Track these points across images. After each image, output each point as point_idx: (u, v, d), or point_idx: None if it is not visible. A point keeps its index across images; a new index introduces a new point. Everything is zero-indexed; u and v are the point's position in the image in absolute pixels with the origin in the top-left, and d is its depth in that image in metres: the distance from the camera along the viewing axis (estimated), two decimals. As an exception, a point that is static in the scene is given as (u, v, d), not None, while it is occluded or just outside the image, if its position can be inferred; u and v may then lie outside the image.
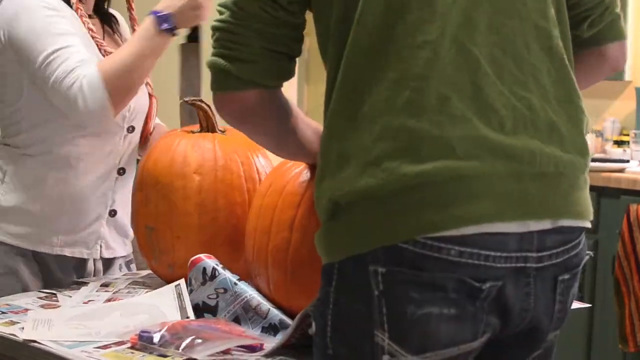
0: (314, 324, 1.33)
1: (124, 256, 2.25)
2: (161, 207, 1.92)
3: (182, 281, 1.81)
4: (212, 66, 1.41)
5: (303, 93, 5.09)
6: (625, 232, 3.50)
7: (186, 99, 2.05)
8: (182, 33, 2.05)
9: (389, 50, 1.26)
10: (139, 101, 2.13)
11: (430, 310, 1.22)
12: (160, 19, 1.95)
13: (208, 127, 2.02)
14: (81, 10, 2.07)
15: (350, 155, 1.26)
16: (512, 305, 1.27)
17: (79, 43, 1.96)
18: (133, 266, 2.29)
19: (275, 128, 1.49)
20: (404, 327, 1.23)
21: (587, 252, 1.39)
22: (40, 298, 1.91)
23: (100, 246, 2.15)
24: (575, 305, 1.91)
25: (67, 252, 2.10)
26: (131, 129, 2.14)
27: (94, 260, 2.16)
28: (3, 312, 1.79)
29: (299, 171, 1.68)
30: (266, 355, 1.56)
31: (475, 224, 1.21)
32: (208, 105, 2.01)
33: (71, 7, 2.06)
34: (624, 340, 3.51)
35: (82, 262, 2.14)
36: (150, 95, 2.19)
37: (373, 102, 1.25)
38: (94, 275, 2.16)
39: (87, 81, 1.88)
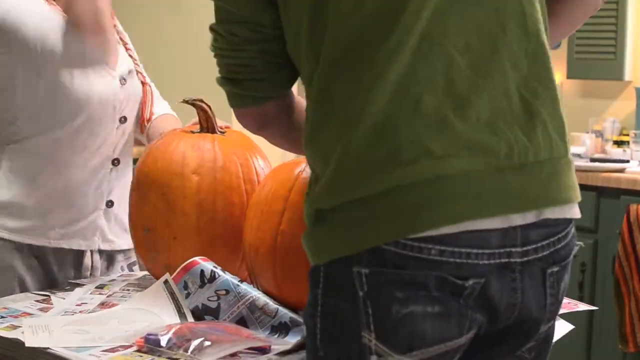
0: (304, 328, 1.33)
1: (123, 251, 2.23)
2: (159, 207, 1.91)
3: (167, 275, 1.79)
4: (224, 87, 1.48)
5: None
6: (625, 232, 3.50)
7: (186, 99, 2.05)
8: None
9: (361, 58, 1.26)
10: (128, 90, 2.13)
11: (414, 308, 1.23)
12: None
13: (208, 127, 2.02)
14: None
15: (327, 172, 1.28)
16: (498, 301, 1.28)
17: None
18: (136, 268, 2.27)
19: (293, 131, 1.52)
20: (389, 326, 1.24)
21: (577, 242, 1.39)
22: (38, 301, 1.90)
23: (98, 238, 2.14)
24: (581, 307, 1.91)
25: (65, 244, 2.08)
26: (123, 119, 2.13)
27: (92, 253, 2.14)
28: (2, 317, 1.78)
29: (301, 170, 1.71)
30: (281, 354, 1.56)
31: (454, 223, 1.22)
32: (208, 106, 2.00)
33: None
34: (624, 340, 3.51)
35: (80, 256, 2.12)
36: (143, 83, 2.18)
37: (349, 113, 1.26)
38: (92, 271, 2.15)
39: None
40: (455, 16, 1.27)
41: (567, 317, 1.82)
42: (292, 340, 1.62)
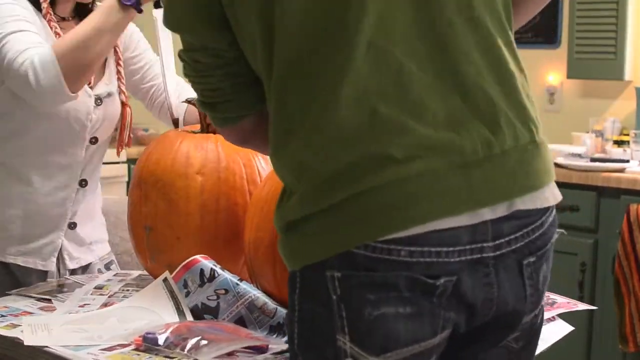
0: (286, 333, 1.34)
1: (100, 258, 2.22)
2: (161, 207, 1.91)
3: (167, 274, 1.79)
4: (203, 111, 1.52)
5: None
6: (625, 232, 3.50)
7: (188, 99, 2.04)
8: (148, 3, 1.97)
9: (312, 74, 1.27)
10: (104, 112, 2.10)
11: (386, 310, 1.23)
12: None
13: (208, 127, 2.02)
14: (50, 15, 2.04)
15: (294, 184, 1.29)
16: (473, 297, 1.28)
17: (34, 29, 1.93)
18: (114, 267, 2.26)
19: None
20: (362, 329, 1.24)
21: (558, 230, 1.39)
22: (38, 300, 1.90)
23: (63, 258, 2.12)
24: (581, 307, 1.91)
25: (21, 261, 2.07)
26: (94, 140, 2.10)
27: (59, 272, 2.12)
28: (2, 315, 1.78)
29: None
30: (278, 354, 1.56)
31: (421, 223, 1.22)
32: None
33: (41, 10, 2.03)
34: (624, 340, 3.50)
35: (44, 271, 2.10)
36: (123, 104, 2.15)
37: (306, 127, 1.27)
38: (59, 277, 2.12)
39: (38, 58, 1.85)
40: (399, 20, 1.26)
41: (567, 317, 1.81)
42: (290, 340, 1.62)
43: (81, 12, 2.13)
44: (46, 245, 2.09)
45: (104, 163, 2.26)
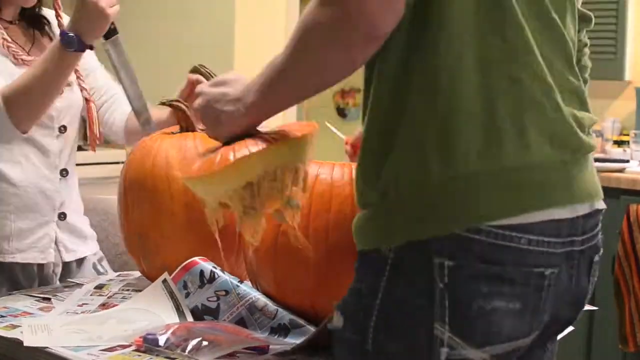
0: (339, 318, 1.29)
1: (94, 253, 2.24)
2: (147, 211, 1.91)
3: (166, 275, 1.79)
4: None
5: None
6: (625, 232, 3.50)
7: (163, 100, 2.04)
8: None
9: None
10: (66, 101, 2.12)
11: (498, 304, 1.22)
12: (65, 41, 1.90)
13: (187, 127, 2.02)
14: None
15: (425, 140, 1.23)
16: (564, 291, 1.30)
17: None
18: (104, 263, 2.28)
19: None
20: (468, 320, 1.22)
21: None
22: (38, 301, 1.90)
23: (59, 250, 2.14)
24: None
25: (19, 258, 2.08)
26: (63, 129, 2.13)
27: (54, 264, 2.14)
28: (2, 316, 1.78)
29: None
30: (282, 354, 1.55)
31: (537, 210, 1.23)
32: (186, 106, 2.01)
33: None
34: (624, 340, 3.50)
35: (41, 267, 2.12)
36: (87, 100, 2.15)
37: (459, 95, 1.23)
38: (55, 277, 2.14)
39: None
40: (547, 44, 1.31)
41: (567, 317, 1.82)
42: (291, 341, 1.62)
43: (28, 16, 2.14)
44: (41, 238, 2.11)
45: (104, 163, 2.27)
